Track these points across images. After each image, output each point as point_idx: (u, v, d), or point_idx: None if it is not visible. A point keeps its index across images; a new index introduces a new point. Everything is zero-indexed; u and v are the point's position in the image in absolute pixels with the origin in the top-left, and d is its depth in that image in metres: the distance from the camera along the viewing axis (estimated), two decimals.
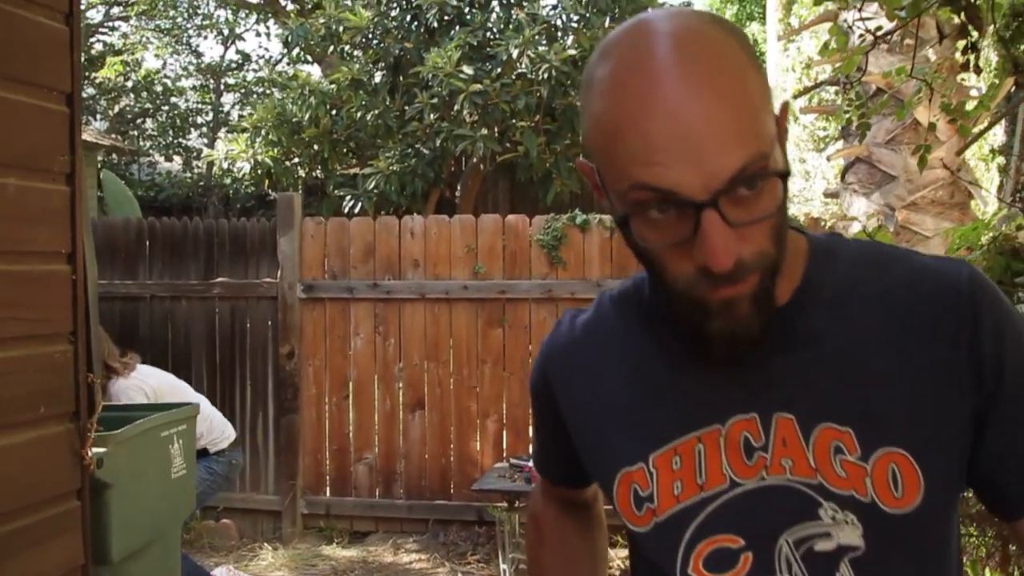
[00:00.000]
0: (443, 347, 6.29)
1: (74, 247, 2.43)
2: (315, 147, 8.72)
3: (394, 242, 6.32)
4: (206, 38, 12.97)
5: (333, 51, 9.26)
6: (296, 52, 10.26)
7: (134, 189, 9.36)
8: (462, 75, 7.51)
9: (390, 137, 8.44)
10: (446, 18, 8.37)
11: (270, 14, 11.60)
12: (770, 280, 0.97)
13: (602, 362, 1.16)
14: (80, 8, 2.47)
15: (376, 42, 8.67)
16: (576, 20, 8.28)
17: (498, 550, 5.53)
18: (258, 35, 12.62)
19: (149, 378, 4.57)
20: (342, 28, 8.60)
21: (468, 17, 8.36)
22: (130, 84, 12.45)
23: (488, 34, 8.15)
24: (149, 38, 12.65)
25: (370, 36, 8.64)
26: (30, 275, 2.28)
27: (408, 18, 8.66)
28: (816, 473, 1.01)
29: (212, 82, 12.65)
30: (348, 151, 9.10)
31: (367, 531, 6.34)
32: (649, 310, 1.14)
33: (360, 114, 8.40)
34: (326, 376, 6.37)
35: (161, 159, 11.97)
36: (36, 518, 2.30)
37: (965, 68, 1.95)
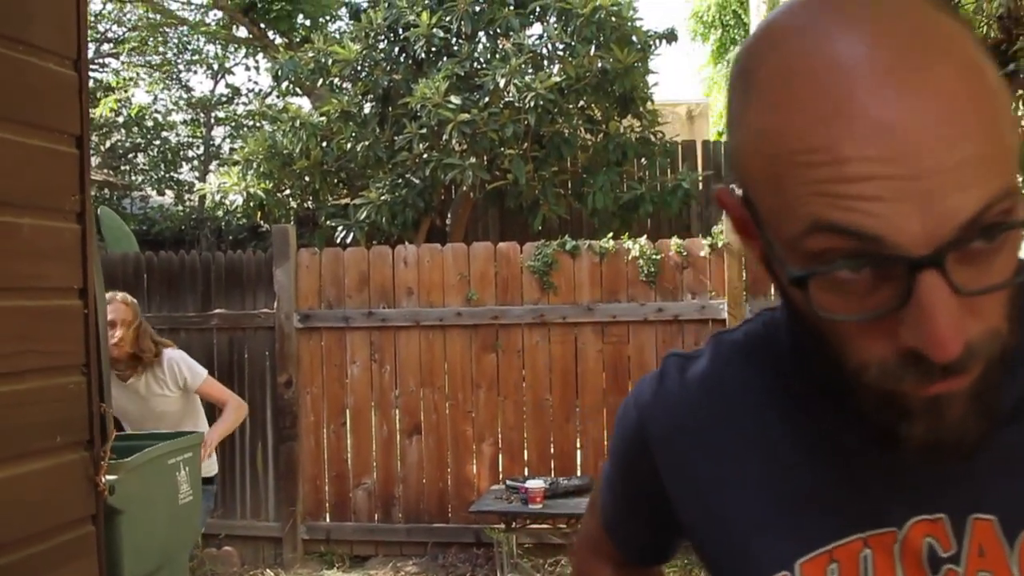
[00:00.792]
0: (438, 373, 6.40)
1: (85, 282, 2.54)
2: (306, 178, 8.83)
3: (388, 271, 6.44)
4: (196, 73, 13.14)
5: (322, 84, 9.40)
6: (285, 85, 10.41)
7: (128, 223, 9.46)
8: (450, 105, 7.64)
9: (380, 167, 8.56)
10: (433, 49, 8.50)
11: (259, 48, 11.77)
12: (997, 372, 0.70)
13: (729, 434, 0.90)
14: (88, 54, 2.59)
15: (365, 74, 8.80)
16: (562, 48, 8.42)
17: (497, 570, 5.62)
18: (247, 69, 12.82)
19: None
20: (331, 61, 8.73)
21: (455, 48, 8.50)
22: (121, 120, 12.58)
23: (475, 64, 8.29)
24: (140, 74, 12.81)
25: (359, 68, 8.77)
26: (45, 310, 2.39)
27: (396, 50, 8.80)
28: None
29: (202, 116, 12.79)
30: (339, 182, 9.21)
31: (367, 555, 6.43)
32: (794, 371, 0.86)
33: (350, 145, 8.53)
34: (324, 404, 6.47)
35: (153, 193, 12.10)
36: (53, 543, 2.40)
37: None
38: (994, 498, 0.78)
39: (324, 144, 8.65)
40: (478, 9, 8.42)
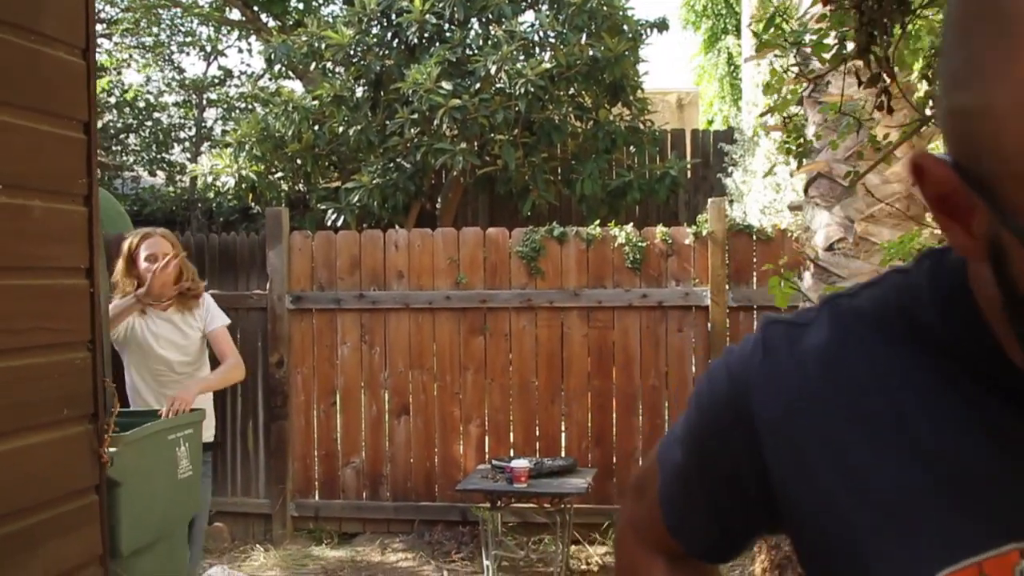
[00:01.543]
0: (427, 355, 6.52)
1: (91, 263, 2.65)
2: (298, 161, 8.91)
3: (379, 254, 6.55)
4: (188, 55, 13.19)
5: (315, 67, 9.48)
6: (278, 68, 10.47)
7: (119, 204, 9.53)
8: (442, 91, 7.74)
9: (372, 152, 8.66)
10: (426, 35, 8.58)
11: (252, 31, 11.83)
12: None
13: (855, 416, 0.76)
14: (95, 43, 2.69)
15: (357, 59, 8.88)
16: (553, 36, 8.51)
17: (481, 548, 5.75)
18: (240, 51, 12.83)
19: None
20: (324, 45, 8.81)
21: (447, 34, 8.59)
22: (113, 100, 12.62)
23: (467, 51, 8.37)
24: (132, 55, 12.85)
25: (351, 53, 8.85)
26: (54, 289, 2.51)
27: (389, 35, 8.88)
28: None
29: (195, 97, 12.84)
30: (330, 165, 9.30)
31: (355, 532, 6.56)
32: (948, 347, 0.74)
33: (342, 129, 8.61)
34: (314, 384, 6.59)
35: (145, 174, 12.15)
36: (60, 510, 2.52)
37: (880, 109, 2.19)
38: None
39: (316, 128, 8.73)
40: None
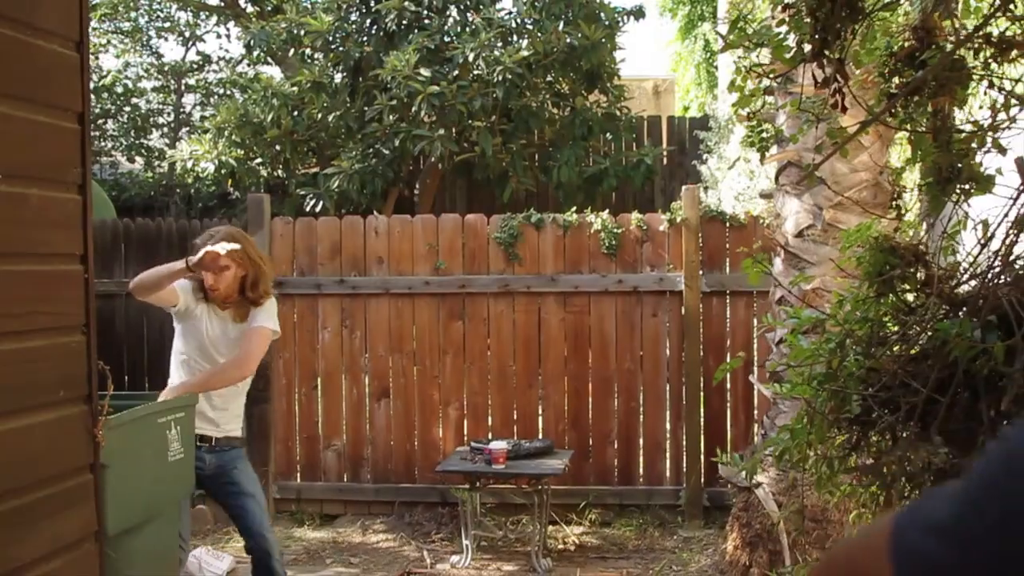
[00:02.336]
0: (407, 339, 6.63)
1: (85, 249, 2.74)
2: (277, 147, 8.98)
3: (359, 240, 6.64)
4: (167, 40, 13.17)
5: (294, 53, 9.54)
6: (257, 54, 10.52)
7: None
8: (420, 77, 7.82)
9: (350, 138, 8.73)
10: (404, 22, 8.65)
11: (231, 16, 11.84)
12: None
13: None
14: (89, 36, 2.78)
15: (336, 45, 8.94)
16: (530, 23, 8.60)
17: (461, 528, 5.88)
18: (218, 37, 12.80)
19: None
20: (303, 32, 8.88)
21: (426, 21, 8.66)
22: (91, 85, 12.60)
23: (445, 38, 8.45)
24: (111, 40, 12.83)
25: (330, 40, 8.91)
26: (51, 275, 2.60)
27: (367, 22, 8.95)
28: None
29: (173, 83, 12.84)
30: (309, 151, 9.37)
31: (336, 514, 6.67)
32: None
33: (321, 115, 8.69)
34: (296, 368, 6.68)
35: (123, 159, 12.16)
36: (57, 488, 2.61)
37: (835, 107, 2.32)
38: None
39: (295, 114, 8.80)
40: None
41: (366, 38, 8.89)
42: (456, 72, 8.11)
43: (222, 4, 11.66)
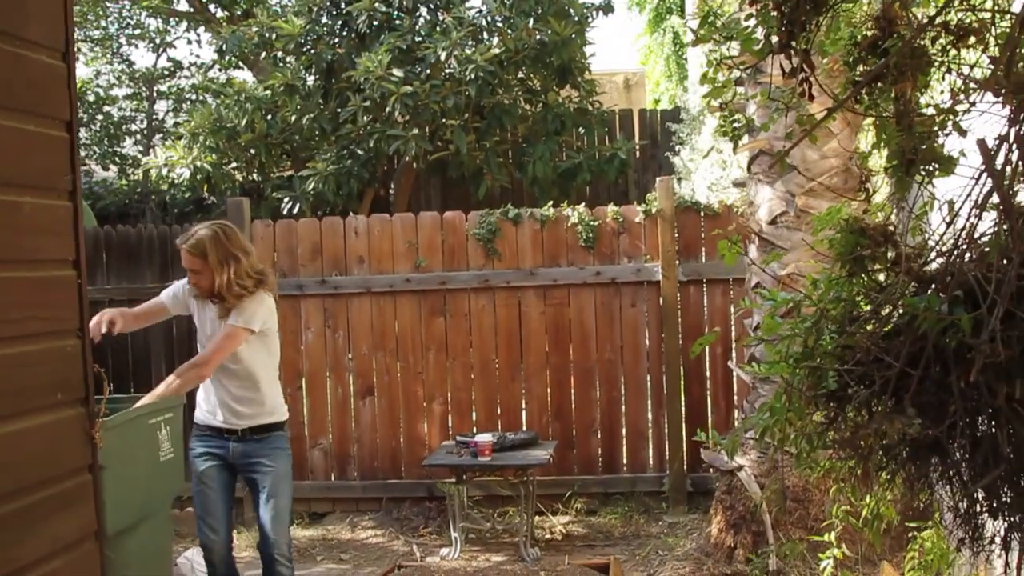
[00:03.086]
0: (389, 337, 6.70)
1: (78, 254, 2.80)
2: (251, 151, 9.00)
3: (339, 241, 6.70)
4: (137, 47, 13.13)
5: (266, 57, 9.57)
6: (228, 59, 10.52)
7: None
8: (393, 78, 7.87)
9: (325, 139, 8.77)
10: (375, 23, 8.70)
11: (200, 22, 11.83)
12: None
13: None
14: (75, 47, 2.83)
15: (308, 48, 8.97)
16: (500, 21, 8.66)
17: (449, 522, 5.95)
18: (189, 43, 12.78)
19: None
20: (275, 35, 8.90)
21: (397, 22, 8.71)
22: None
23: (416, 38, 8.49)
24: (80, 48, 12.79)
25: (302, 42, 8.94)
26: (45, 280, 2.66)
27: (339, 24, 8.98)
28: None
29: (145, 90, 12.82)
30: (284, 154, 9.39)
31: (325, 512, 6.74)
32: None
33: (295, 118, 8.72)
34: (280, 368, 6.70)
35: (97, 168, 12.13)
36: (57, 489, 2.66)
37: (802, 96, 2.41)
38: None
39: (269, 117, 8.82)
40: None
41: (338, 40, 8.92)
42: (428, 71, 8.16)
43: (192, 10, 11.65)
